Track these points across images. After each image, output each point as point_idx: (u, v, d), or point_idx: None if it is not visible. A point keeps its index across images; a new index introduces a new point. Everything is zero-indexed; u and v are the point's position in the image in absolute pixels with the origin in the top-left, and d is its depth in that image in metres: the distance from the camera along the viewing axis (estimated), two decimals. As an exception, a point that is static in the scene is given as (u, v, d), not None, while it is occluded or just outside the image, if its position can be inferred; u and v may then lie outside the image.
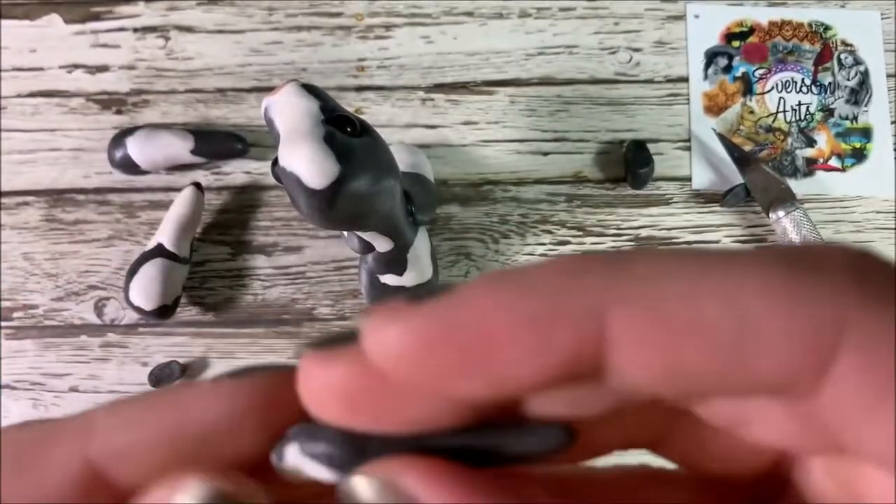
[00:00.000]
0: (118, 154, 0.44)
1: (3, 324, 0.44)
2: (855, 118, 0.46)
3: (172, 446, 0.12)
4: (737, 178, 0.44)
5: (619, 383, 0.10)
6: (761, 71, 0.47)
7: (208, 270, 0.44)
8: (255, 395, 0.12)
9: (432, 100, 0.46)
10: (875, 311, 0.09)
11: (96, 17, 0.48)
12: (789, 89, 0.46)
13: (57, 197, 0.45)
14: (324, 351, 0.11)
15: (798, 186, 0.44)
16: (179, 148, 0.43)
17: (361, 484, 0.11)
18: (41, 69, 0.47)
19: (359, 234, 0.34)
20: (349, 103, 0.46)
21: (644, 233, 0.44)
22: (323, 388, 0.11)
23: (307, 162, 0.26)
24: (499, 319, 0.10)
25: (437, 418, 0.11)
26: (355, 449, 0.11)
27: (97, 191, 0.45)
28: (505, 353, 0.10)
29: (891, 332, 0.09)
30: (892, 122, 0.46)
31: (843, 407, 0.10)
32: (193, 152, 0.44)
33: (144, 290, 0.40)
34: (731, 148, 0.44)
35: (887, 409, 0.09)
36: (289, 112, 0.27)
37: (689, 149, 0.46)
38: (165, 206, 0.43)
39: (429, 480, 0.11)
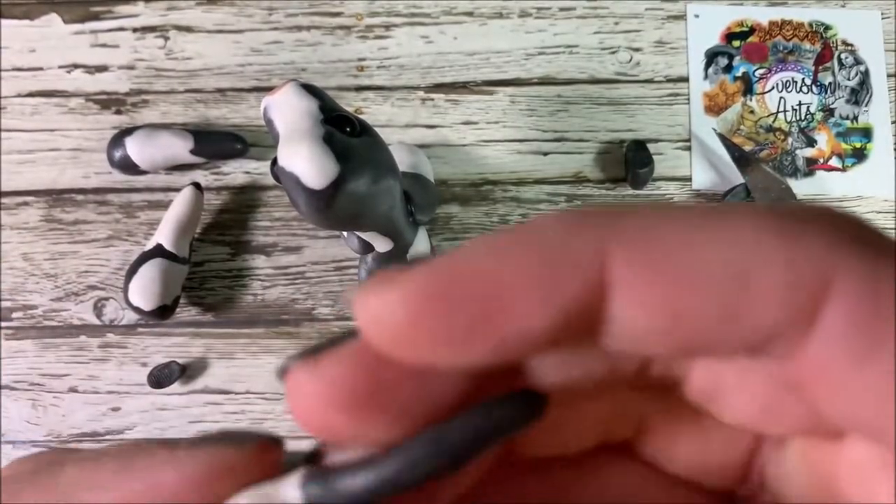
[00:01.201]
0: (117, 154, 0.44)
1: (3, 324, 0.44)
2: (855, 118, 0.46)
3: None
4: (737, 178, 0.44)
5: (617, 338, 0.10)
6: (762, 71, 0.47)
7: (208, 270, 0.44)
8: (220, 473, 0.11)
9: (432, 100, 0.46)
10: (862, 262, 0.09)
11: (96, 17, 0.48)
12: (790, 89, 0.46)
13: (56, 197, 0.45)
14: (310, 358, 0.10)
15: (798, 186, 0.44)
16: (179, 148, 0.43)
17: None
18: (41, 69, 0.47)
19: (358, 234, 0.34)
20: (349, 103, 0.46)
21: (644, 233, 0.44)
22: (315, 396, 0.10)
23: (306, 162, 0.26)
24: (503, 271, 0.09)
25: (434, 402, 0.10)
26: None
27: (96, 191, 0.45)
28: (512, 306, 0.09)
29: (878, 283, 0.09)
30: (893, 122, 0.46)
31: (828, 366, 0.09)
32: (193, 152, 0.44)
33: (144, 290, 0.40)
34: (732, 148, 0.44)
35: (876, 363, 0.09)
36: (288, 112, 0.27)
37: (689, 149, 0.45)
38: (165, 206, 0.43)
39: None
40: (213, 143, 0.44)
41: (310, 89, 0.28)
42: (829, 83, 0.46)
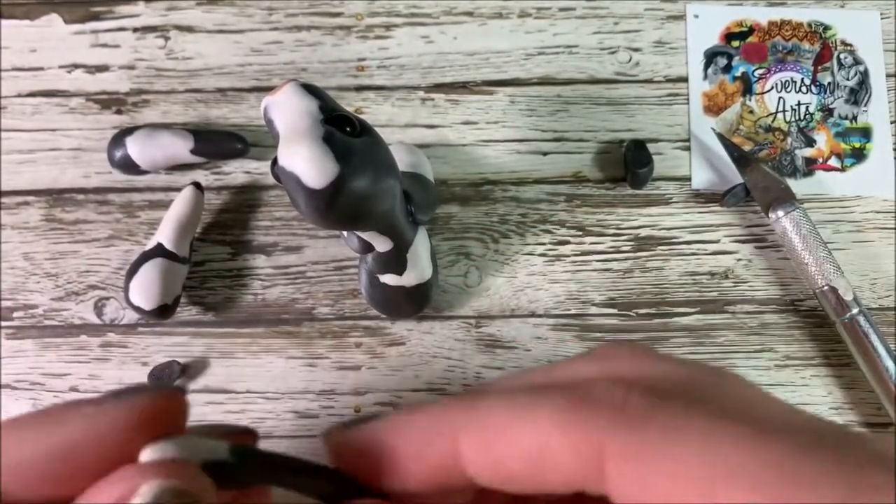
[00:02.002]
0: (118, 154, 0.44)
1: (3, 323, 0.44)
2: (854, 118, 0.46)
3: (62, 461, 0.14)
4: (736, 177, 0.44)
5: (475, 480, 0.15)
6: (761, 71, 0.47)
7: (208, 270, 0.44)
8: (133, 412, 0.15)
9: (432, 100, 0.46)
10: (624, 429, 0.14)
11: (96, 17, 0.48)
12: (789, 89, 0.46)
13: (57, 197, 0.45)
14: (341, 428, 0.17)
15: (797, 186, 0.44)
16: (179, 148, 0.44)
17: None
18: (41, 69, 0.47)
19: (358, 233, 0.34)
20: (349, 103, 0.46)
21: (643, 232, 0.44)
22: (339, 448, 0.17)
23: (306, 161, 0.26)
24: (395, 440, 0.16)
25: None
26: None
27: (97, 190, 0.45)
28: (400, 465, 0.16)
29: (638, 442, 0.14)
30: (892, 122, 0.46)
31: (622, 488, 0.14)
32: (193, 152, 0.44)
33: (144, 289, 0.40)
34: (731, 148, 0.44)
35: (647, 486, 0.14)
36: (288, 112, 0.27)
37: (688, 149, 0.46)
38: (165, 205, 0.44)
39: None
40: (214, 142, 0.44)
41: (310, 89, 0.28)
42: (829, 83, 0.47)
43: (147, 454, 0.14)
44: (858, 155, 0.45)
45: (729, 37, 0.47)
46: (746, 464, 0.13)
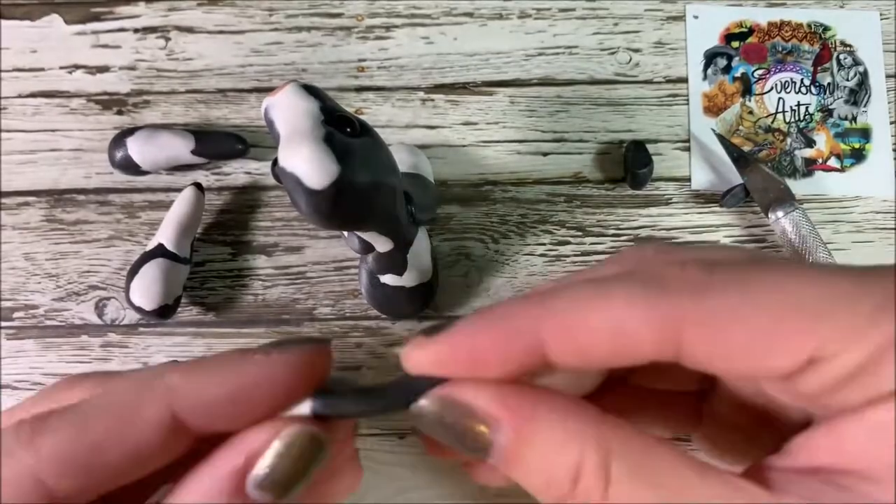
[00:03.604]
0: (119, 154, 0.44)
1: (4, 324, 0.44)
2: (854, 119, 0.46)
3: (237, 403, 0.17)
4: (736, 178, 0.44)
5: (557, 365, 0.17)
6: (760, 71, 0.47)
7: (209, 270, 0.44)
8: (297, 365, 0.17)
9: (432, 100, 0.46)
10: (694, 297, 0.16)
11: (97, 18, 0.48)
12: (788, 90, 0.47)
13: (58, 197, 0.45)
14: (423, 338, 0.17)
15: (797, 187, 0.44)
16: (180, 148, 0.44)
17: (429, 405, 0.17)
18: (42, 69, 0.47)
19: (359, 234, 0.34)
20: (349, 104, 0.46)
21: (643, 233, 0.44)
22: (423, 360, 0.17)
23: (307, 162, 0.26)
24: (480, 341, 0.17)
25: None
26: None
27: (98, 191, 0.45)
28: (488, 357, 0.17)
29: (709, 307, 0.16)
30: (891, 123, 0.46)
31: (698, 353, 0.16)
32: (194, 153, 0.44)
33: (145, 290, 0.40)
34: (731, 148, 0.44)
35: (722, 343, 0.16)
36: (289, 112, 0.27)
37: (688, 149, 0.46)
38: (166, 206, 0.44)
39: (478, 388, 0.16)
40: (214, 143, 0.44)
41: (310, 90, 0.28)
42: (828, 84, 0.47)
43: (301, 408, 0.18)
44: (858, 155, 0.45)
45: (728, 37, 0.47)
46: (812, 296, 0.15)
